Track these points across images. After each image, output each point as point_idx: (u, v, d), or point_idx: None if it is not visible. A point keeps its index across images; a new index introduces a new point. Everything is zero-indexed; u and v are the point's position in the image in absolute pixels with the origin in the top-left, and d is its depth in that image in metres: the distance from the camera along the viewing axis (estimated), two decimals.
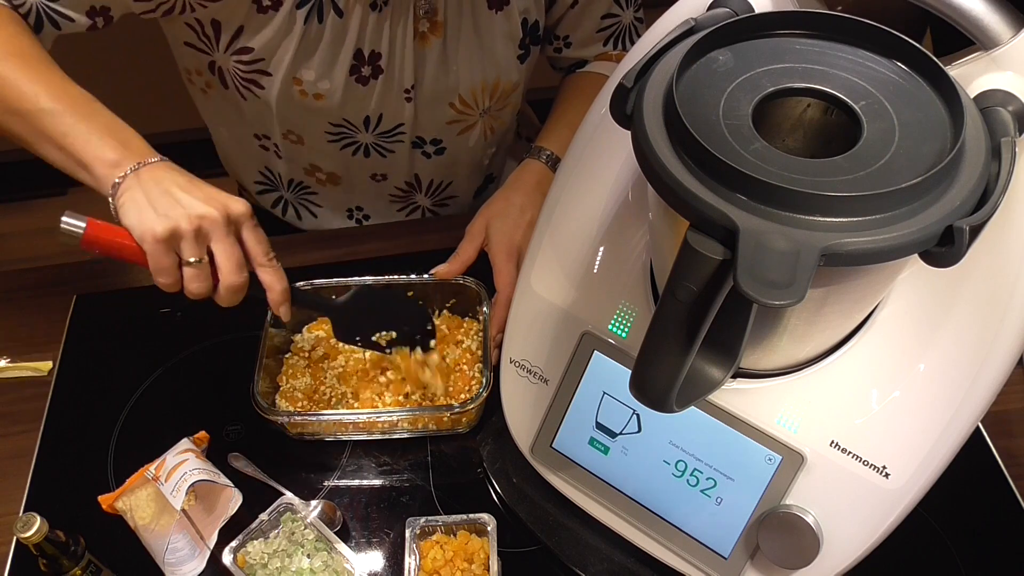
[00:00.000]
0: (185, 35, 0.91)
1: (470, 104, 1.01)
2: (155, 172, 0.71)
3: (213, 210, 0.69)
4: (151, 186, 0.69)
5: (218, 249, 0.70)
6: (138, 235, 0.68)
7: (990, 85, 0.52)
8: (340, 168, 1.06)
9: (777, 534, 0.62)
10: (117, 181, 0.70)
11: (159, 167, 0.71)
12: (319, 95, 0.93)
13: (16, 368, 0.93)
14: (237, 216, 0.71)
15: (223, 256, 0.70)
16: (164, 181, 0.70)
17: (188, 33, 0.90)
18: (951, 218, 0.44)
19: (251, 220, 0.72)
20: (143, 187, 0.69)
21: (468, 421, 0.84)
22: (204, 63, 0.94)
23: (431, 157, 1.07)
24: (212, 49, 0.91)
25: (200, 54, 0.93)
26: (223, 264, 0.70)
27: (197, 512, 0.78)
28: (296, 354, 0.89)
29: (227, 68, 0.93)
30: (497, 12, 0.94)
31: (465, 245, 0.94)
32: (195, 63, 0.95)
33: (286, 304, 0.75)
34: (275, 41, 0.88)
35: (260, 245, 0.73)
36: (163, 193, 0.69)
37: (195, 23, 0.88)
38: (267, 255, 0.73)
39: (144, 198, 0.68)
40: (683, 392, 0.51)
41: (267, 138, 1.03)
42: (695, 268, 0.44)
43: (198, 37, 0.90)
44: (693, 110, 0.48)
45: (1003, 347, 0.57)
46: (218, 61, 0.93)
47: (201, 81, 0.98)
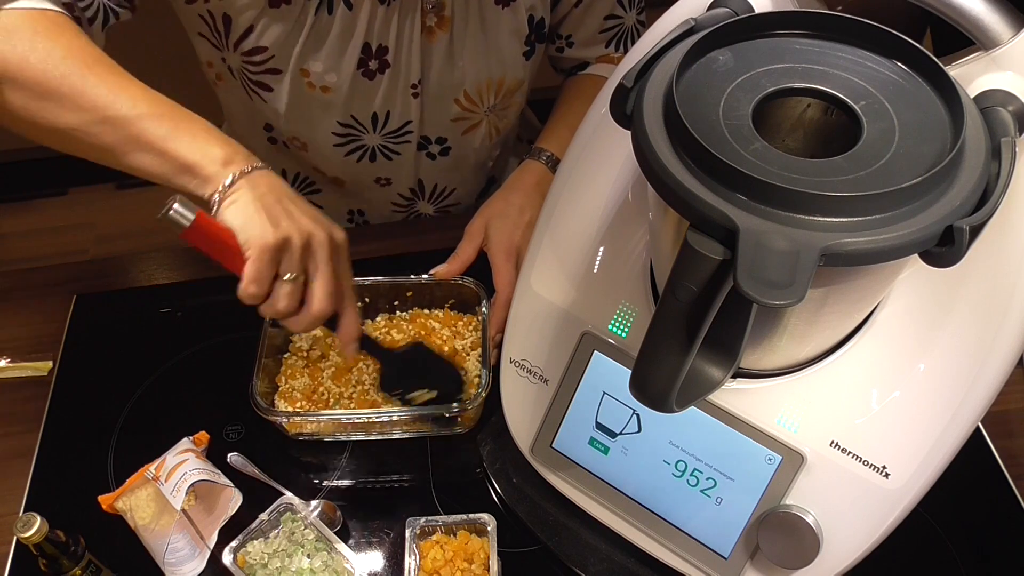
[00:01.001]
0: (199, 26, 0.91)
1: (475, 101, 1.01)
2: (269, 178, 0.69)
3: (322, 231, 0.68)
4: (265, 192, 0.68)
5: (319, 273, 0.69)
6: (244, 239, 0.66)
7: (990, 85, 0.52)
8: (345, 174, 1.07)
9: (777, 534, 0.62)
10: (228, 182, 0.67)
11: (270, 173, 0.70)
12: (326, 87, 0.93)
13: (16, 368, 0.93)
14: (339, 243, 0.70)
15: (322, 280, 0.69)
16: (277, 189, 0.69)
17: (201, 25, 0.91)
18: (951, 218, 0.44)
19: (347, 251, 0.72)
20: (256, 191, 0.67)
21: (467, 422, 0.84)
22: (216, 57, 0.94)
23: (436, 159, 1.07)
24: (222, 47, 0.91)
25: (212, 48, 0.93)
26: (319, 289, 0.69)
27: (197, 512, 0.78)
28: (295, 354, 0.89)
29: (237, 67, 0.93)
30: (504, 8, 0.94)
31: (464, 245, 0.94)
32: (208, 55, 0.96)
33: (355, 343, 0.75)
34: (286, 35, 0.89)
35: (349, 280, 0.72)
36: (276, 202, 0.68)
37: (207, 16, 0.89)
38: (352, 290, 0.73)
39: (258, 203, 0.67)
40: (683, 392, 0.51)
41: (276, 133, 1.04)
42: (695, 268, 0.44)
43: (210, 31, 0.91)
44: (693, 110, 0.48)
45: (1003, 347, 0.57)
46: (228, 60, 0.93)
47: (212, 73, 0.99)
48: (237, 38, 0.89)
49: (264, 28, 0.88)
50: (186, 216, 0.65)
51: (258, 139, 1.06)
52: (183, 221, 0.65)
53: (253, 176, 0.68)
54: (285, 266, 0.67)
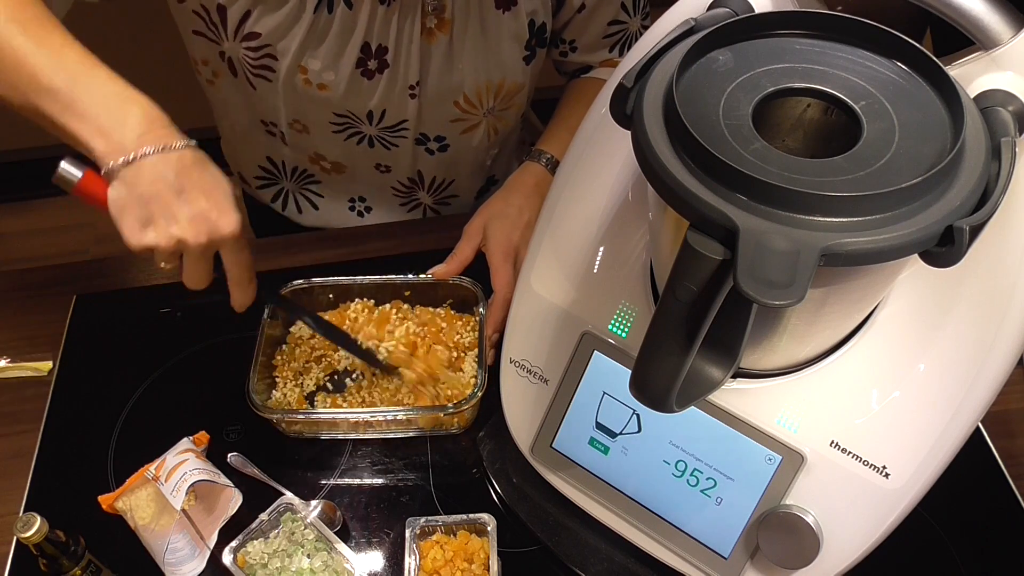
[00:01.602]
0: (193, 23, 0.91)
1: (474, 103, 1.01)
2: (156, 168, 0.66)
3: (195, 234, 0.67)
4: (145, 185, 0.66)
5: (187, 265, 0.70)
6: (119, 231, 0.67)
7: (990, 85, 0.52)
8: (345, 158, 1.06)
9: (777, 534, 0.62)
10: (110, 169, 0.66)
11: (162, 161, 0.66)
12: (323, 85, 0.93)
13: (16, 368, 0.93)
14: (221, 239, 0.69)
15: (189, 271, 0.70)
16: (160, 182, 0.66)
17: (196, 21, 0.90)
18: (951, 218, 0.44)
19: (234, 243, 0.70)
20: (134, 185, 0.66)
21: (463, 422, 0.84)
22: (214, 52, 0.94)
23: (434, 154, 1.07)
24: (220, 38, 0.91)
25: (210, 43, 0.93)
26: (187, 276, 0.71)
27: (197, 512, 0.78)
28: (294, 345, 0.89)
29: (237, 57, 0.93)
30: (504, 12, 0.94)
31: (463, 245, 0.94)
32: (204, 52, 0.95)
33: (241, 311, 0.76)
34: (283, 28, 0.88)
35: (236, 267, 0.72)
36: (153, 199, 0.66)
37: (202, 10, 0.88)
38: (242, 276, 0.73)
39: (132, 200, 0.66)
40: (683, 392, 0.51)
41: (274, 124, 1.04)
42: (695, 268, 0.44)
43: (206, 25, 0.90)
44: (693, 110, 0.48)
45: (1003, 347, 0.57)
46: (227, 51, 0.93)
47: (208, 71, 0.98)
48: (235, 25, 0.89)
49: (260, 15, 0.88)
50: (73, 174, 0.67)
51: (258, 132, 1.06)
52: (71, 178, 0.67)
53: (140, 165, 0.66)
54: (157, 259, 0.69)
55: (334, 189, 1.13)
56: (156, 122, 0.68)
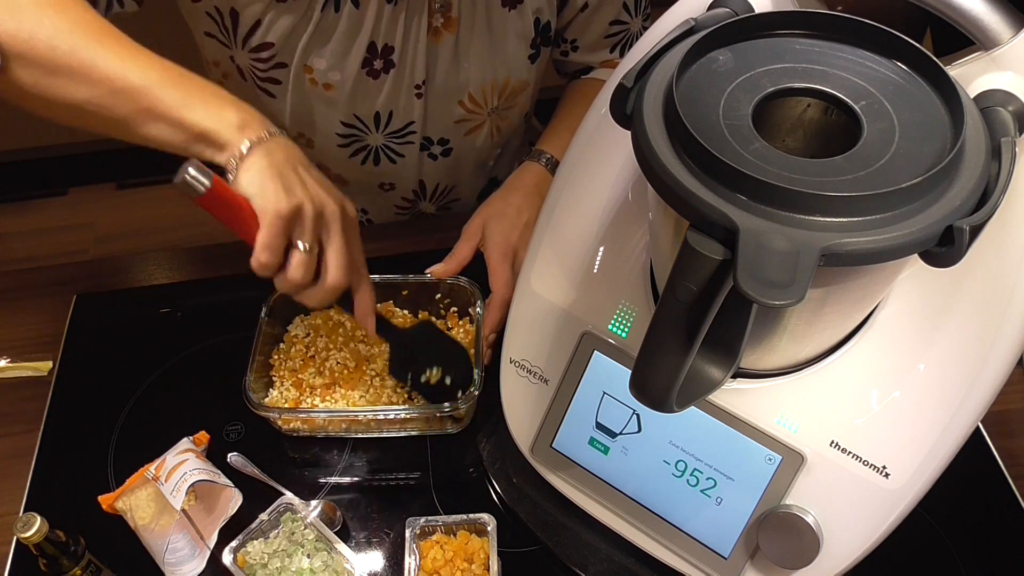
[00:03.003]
0: (206, 25, 0.91)
1: (479, 102, 1.01)
2: (285, 145, 0.68)
3: (334, 203, 0.68)
4: (280, 159, 0.67)
5: (332, 244, 0.68)
6: (259, 206, 0.65)
7: (990, 85, 0.52)
8: (348, 174, 1.06)
9: (777, 534, 0.62)
10: (244, 148, 0.66)
11: (287, 141, 0.69)
12: (329, 85, 0.93)
13: (16, 368, 0.93)
14: (351, 216, 0.70)
15: (336, 252, 0.69)
16: (293, 158, 0.68)
17: (209, 23, 0.90)
18: (951, 218, 0.44)
19: (358, 225, 0.72)
20: (272, 158, 0.67)
21: (460, 421, 0.84)
22: (225, 55, 0.94)
23: (438, 159, 1.07)
24: (231, 44, 0.91)
25: (221, 47, 0.93)
26: (333, 260, 0.69)
27: (197, 512, 0.78)
28: (292, 344, 0.90)
29: (245, 66, 0.93)
30: (510, 10, 0.94)
31: (461, 245, 0.94)
32: (215, 54, 0.96)
33: (372, 317, 0.75)
34: (292, 31, 0.89)
35: (361, 253, 0.72)
36: (291, 170, 0.67)
37: (215, 12, 0.88)
38: (364, 264, 0.73)
39: (273, 170, 0.66)
40: (683, 392, 0.51)
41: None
42: (695, 268, 0.44)
43: (218, 28, 0.90)
44: (693, 110, 0.48)
45: (1003, 347, 0.57)
46: (236, 59, 0.93)
47: (218, 72, 0.98)
48: (245, 33, 0.89)
49: (271, 23, 0.88)
50: (202, 182, 0.63)
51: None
52: (199, 187, 0.63)
53: (269, 143, 0.67)
54: (298, 235, 0.67)
55: None
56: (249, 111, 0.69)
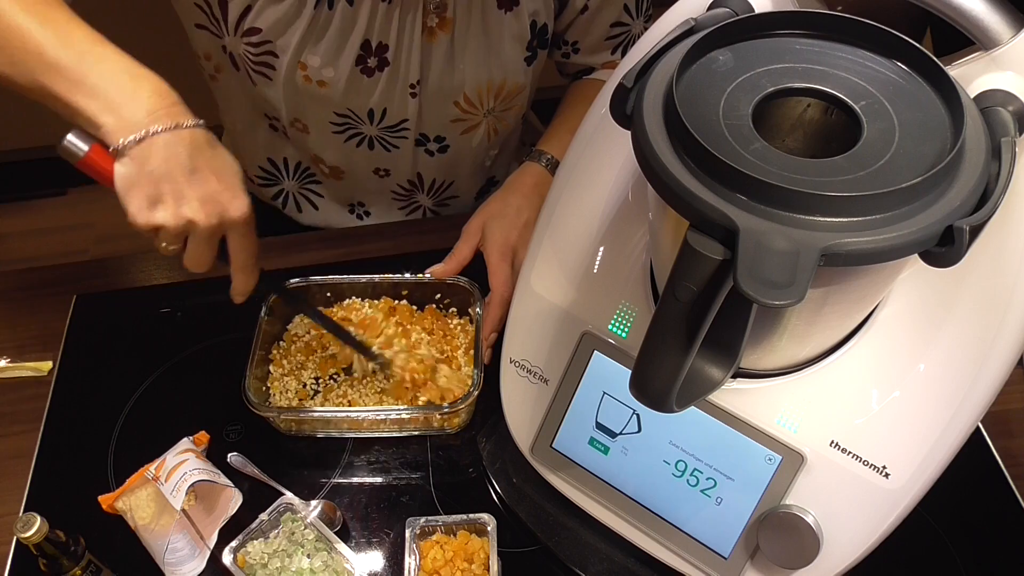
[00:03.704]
0: (195, 16, 0.91)
1: (475, 103, 1.01)
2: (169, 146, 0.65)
3: (205, 217, 0.66)
4: (157, 164, 0.64)
5: (191, 246, 0.68)
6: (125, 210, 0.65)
7: (990, 85, 0.52)
8: (344, 162, 1.06)
9: (777, 534, 0.62)
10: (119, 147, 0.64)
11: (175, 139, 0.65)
12: (323, 82, 0.93)
13: (16, 368, 0.93)
14: (230, 222, 0.68)
15: (193, 253, 0.69)
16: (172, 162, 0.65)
17: (198, 14, 0.90)
18: (951, 218, 0.44)
19: (242, 227, 0.69)
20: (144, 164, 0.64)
21: (459, 421, 0.84)
22: (216, 46, 0.94)
23: (434, 155, 1.07)
24: (222, 32, 0.91)
25: (212, 37, 0.93)
26: (190, 258, 0.69)
27: (197, 512, 0.78)
28: (291, 343, 0.90)
29: (238, 53, 0.93)
30: (506, 12, 0.94)
31: (461, 245, 0.94)
32: (207, 46, 0.95)
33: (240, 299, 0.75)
34: (283, 24, 0.88)
35: (241, 253, 0.71)
36: (163, 177, 0.65)
37: (203, 3, 0.88)
38: (247, 262, 0.72)
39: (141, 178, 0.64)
40: (683, 392, 0.51)
41: (276, 120, 1.03)
42: (695, 268, 0.44)
43: (208, 19, 0.90)
44: (693, 110, 0.48)
45: (1003, 347, 0.57)
46: (228, 46, 0.93)
47: (211, 66, 0.98)
48: (236, 18, 0.89)
49: (260, 10, 0.88)
50: (79, 147, 0.65)
51: (260, 127, 1.06)
52: (77, 152, 0.65)
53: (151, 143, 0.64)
54: (162, 239, 0.67)
55: (333, 193, 1.13)
56: (166, 98, 0.66)
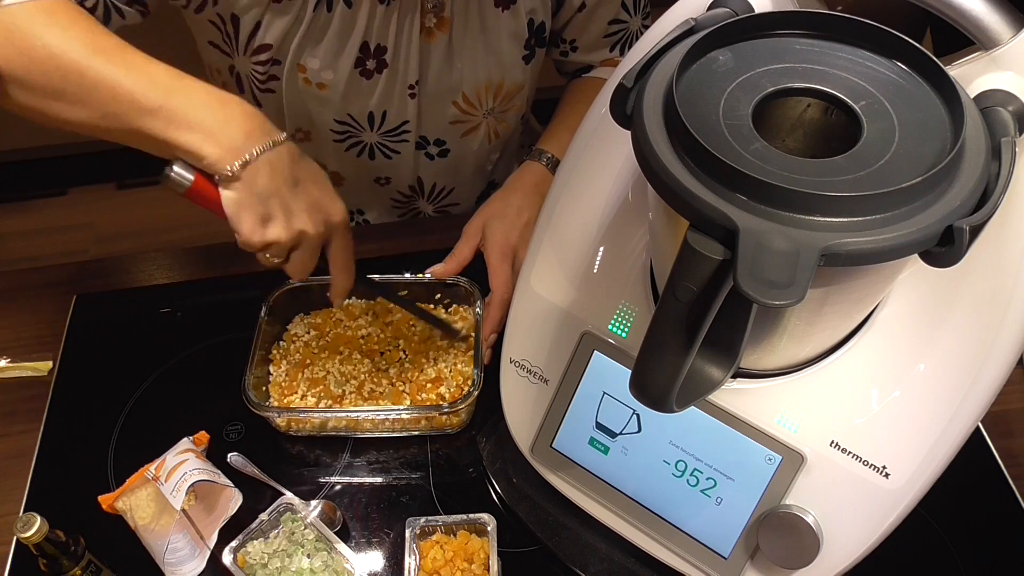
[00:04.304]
0: (210, 34, 0.92)
1: (474, 103, 1.01)
2: (269, 165, 0.67)
3: (313, 226, 0.70)
4: (262, 185, 0.67)
5: (297, 255, 0.72)
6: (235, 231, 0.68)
7: (990, 85, 0.52)
8: (344, 170, 1.07)
9: (777, 534, 0.62)
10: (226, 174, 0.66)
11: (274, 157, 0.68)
12: (322, 85, 0.94)
13: (16, 368, 0.93)
14: (335, 226, 0.73)
15: (297, 263, 0.73)
16: (277, 179, 0.68)
17: (212, 31, 0.91)
18: (951, 218, 0.44)
19: (343, 230, 0.74)
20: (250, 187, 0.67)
21: (459, 421, 0.84)
22: (225, 65, 0.95)
23: (434, 159, 1.07)
24: (232, 52, 0.92)
25: (223, 56, 0.93)
26: (295, 266, 0.73)
27: (197, 512, 0.78)
28: (291, 343, 0.90)
29: (246, 73, 0.94)
30: (504, 11, 0.94)
31: (461, 245, 0.94)
32: (217, 63, 0.96)
33: (341, 299, 0.80)
34: (287, 30, 0.89)
35: (341, 253, 0.75)
36: (270, 196, 0.68)
37: (218, 20, 0.89)
38: (346, 262, 0.76)
39: (250, 200, 0.67)
40: (683, 392, 0.51)
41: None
42: (695, 268, 0.44)
43: (221, 37, 0.91)
44: (693, 110, 0.48)
45: (1003, 347, 0.57)
46: (237, 65, 0.93)
47: (219, 81, 0.99)
48: (247, 37, 0.89)
49: (268, 24, 0.88)
50: (186, 178, 0.67)
51: None
52: (184, 182, 0.67)
53: (252, 167, 0.67)
54: (272, 252, 0.71)
55: None
56: (256, 117, 0.69)
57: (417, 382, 0.85)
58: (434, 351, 0.88)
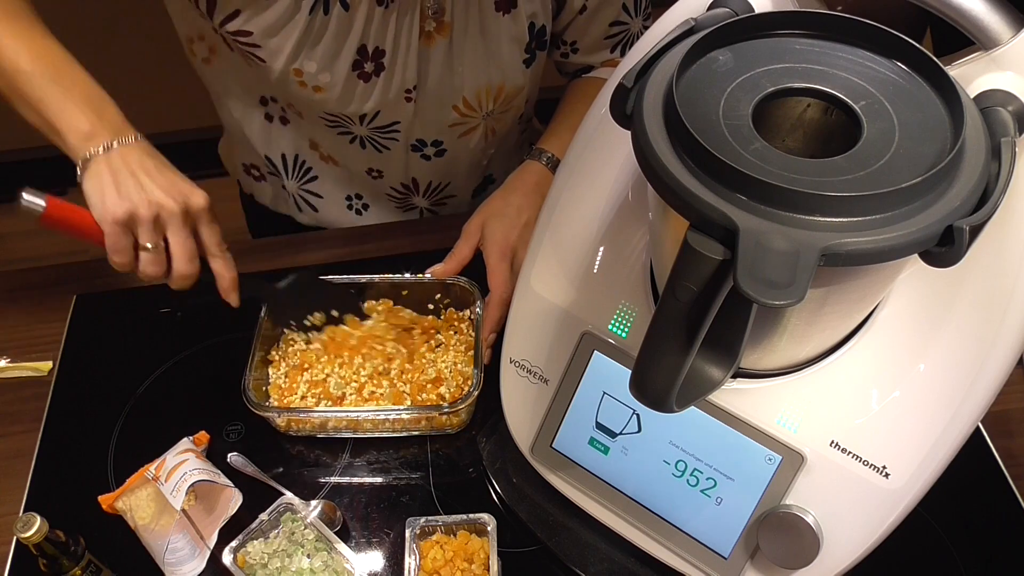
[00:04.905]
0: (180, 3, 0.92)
1: (474, 107, 1.01)
2: (126, 153, 0.73)
3: (172, 201, 0.73)
4: (119, 166, 0.72)
5: (173, 240, 0.74)
6: (98, 215, 0.72)
7: (990, 85, 0.52)
8: (337, 153, 1.06)
9: (777, 534, 0.62)
10: (88, 156, 0.72)
11: (131, 148, 0.74)
12: (318, 87, 0.93)
13: (16, 368, 0.93)
14: (196, 209, 0.75)
15: (177, 246, 0.75)
16: (132, 163, 0.73)
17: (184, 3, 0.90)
18: (951, 218, 0.44)
19: (208, 214, 0.76)
20: (111, 166, 0.72)
21: (459, 421, 0.84)
22: (206, 28, 0.93)
23: (430, 159, 1.07)
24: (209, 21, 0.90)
25: (201, 20, 0.91)
26: (176, 253, 0.75)
27: (197, 512, 0.78)
28: (291, 343, 0.90)
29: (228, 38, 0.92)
30: (504, 15, 0.94)
31: (461, 245, 0.94)
32: (196, 29, 0.95)
33: (234, 292, 0.80)
34: (275, 28, 0.88)
35: (214, 237, 0.77)
36: (129, 175, 0.72)
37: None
38: (219, 246, 0.78)
39: (110, 177, 0.72)
40: (683, 392, 0.51)
41: (274, 101, 1.02)
42: (695, 268, 0.44)
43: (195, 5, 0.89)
44: (693, 110, 0.48)
45: (1003, 347, 0.57)
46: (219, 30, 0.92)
47: (204, 49, 0.97)
48: (222, 19, 0.88)
49: (252, 15, 0.86)
50: (37, 204, 0.71)
51: (256, 117, 1.05)
52: (36, 208, 0.71)
53: (112, 152, 0.73)
54: (142, 236, 0.73)
55: (332, 182, 1.12)
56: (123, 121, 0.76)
57: (417, 382, 0.85)
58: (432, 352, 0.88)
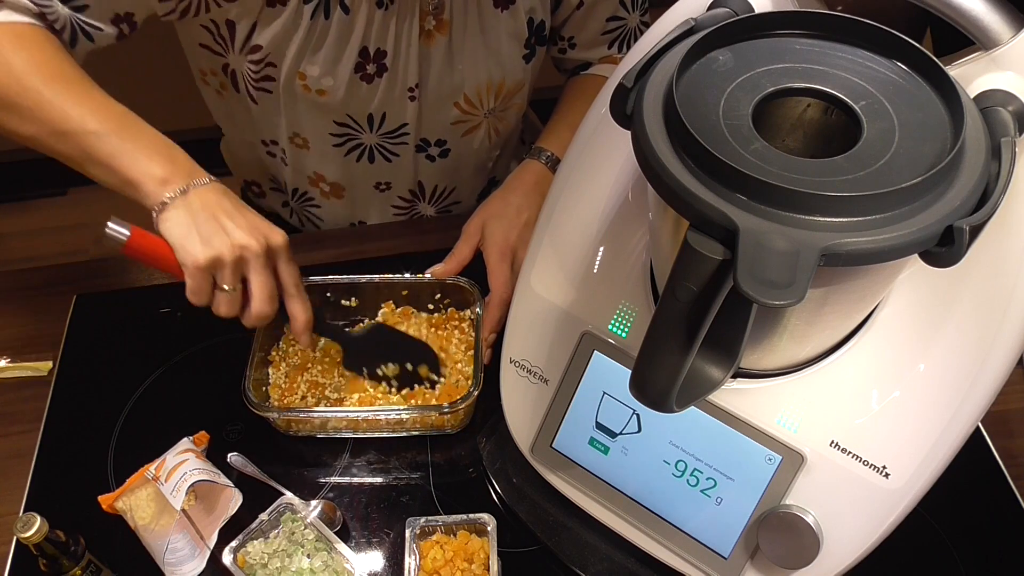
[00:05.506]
0: (200, 37, 0.91)
1: (475, 104, 1.01)
2: (203, 195, 0.73)
3: (255, 242, 0.73)
4: (198, 209, 0.72)
5: (254, 280, 0.74)
6: (181, 258, 0.71)
7: (990, 85, 0.52)
8: (344, 178, 1.06)
9: (777, 534, 0.62)
10: (166, 200, 0.72)
11: (208, 190, 0.74)
12: (322, 91, 0.93)
13: (16, 368, 0.93)
14: (276, 248, 0.75)
15: (257, 287, 0.74)
16: (211, 205, 0.73)
17: (204, 35, 0.91)
18: (951, 218, 0.44)
19: (287, 252, 0.76)
20: (190, 209, 0.72)
21: (458, 421, 0.84)
22: (218, 65, 0.95)
23: (435, 160, 1.07)
24: (227, 51, 0.91)
25: (214, 56, 0.93)
26: (256, 294, 0.74)
27: (197, 512, 0.78)
28: (291, 343, 0.90)
29: (240, 71, 0.93)
30: (503, 11, 0.94)
31: (461, 245, 0.94)
32: (209, 65, 0.96)
33: (307, 334, 0.79)
34: (282, 36, 0.88)
35: (292, 276, 0.77)
36: (209, 218, 0.72)
37: (211, 24, 0.89)
38: (297, 286, 0.77)
39: (191, 221, 0.72)
40: (683, 392, 0.51)
41: (274, 144, 1.04)
42: (695, 268, 0.44)
43: (214, 39, 0.91)
44: (693, 110, 0.48)
45: (1003, 347, 0.57)
46: (232, 64, 0.93)
47: (216, 82, 0.99)
48: (243, 40, 0.89)
49: (262, 27, 0.88)
50: (122, 233, 0.71)
51: (257, 151, 1.07)
52: (120, 237, 0.71)
53: (188, 193, 0.73)
54: (222, 279, 0.72)
55: (333, 214, 1.13)
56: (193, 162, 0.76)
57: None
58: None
